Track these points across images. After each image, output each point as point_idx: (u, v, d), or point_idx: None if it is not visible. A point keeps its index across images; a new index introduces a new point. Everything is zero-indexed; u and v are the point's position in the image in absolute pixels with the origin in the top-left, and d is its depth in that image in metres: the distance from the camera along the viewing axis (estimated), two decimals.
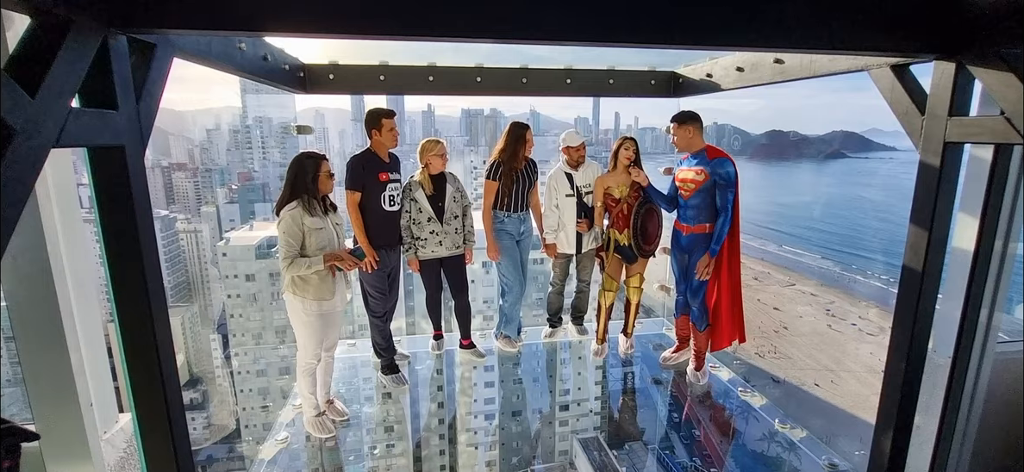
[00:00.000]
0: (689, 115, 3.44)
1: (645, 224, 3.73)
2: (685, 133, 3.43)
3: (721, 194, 3.33)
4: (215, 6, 1.66)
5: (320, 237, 2.88)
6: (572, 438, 3.64)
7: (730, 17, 1.92)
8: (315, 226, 2.86)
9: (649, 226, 3.76)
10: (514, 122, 3.76)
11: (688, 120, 3.42)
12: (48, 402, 1.93)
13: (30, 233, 1.81)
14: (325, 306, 2.97)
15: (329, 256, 2.88)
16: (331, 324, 3.11)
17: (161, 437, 1.90)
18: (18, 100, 1.21)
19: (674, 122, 3.47)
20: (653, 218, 3.77)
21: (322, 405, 3.24)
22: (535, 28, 1.83)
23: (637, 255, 3.81)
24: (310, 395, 3.16)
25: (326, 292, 2.95)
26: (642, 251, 3.79)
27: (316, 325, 2.97)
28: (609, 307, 4.05)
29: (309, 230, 2.83)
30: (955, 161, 2.11)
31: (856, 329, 29.73)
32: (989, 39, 1.87)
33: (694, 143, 3.43)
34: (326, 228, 2.92)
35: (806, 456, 3.13)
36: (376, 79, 3.72)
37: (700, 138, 3.43)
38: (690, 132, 3.42)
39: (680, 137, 3.45)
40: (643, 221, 3.71)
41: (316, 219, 2.87)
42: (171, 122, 52.03)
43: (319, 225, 2.88)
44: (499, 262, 3.90)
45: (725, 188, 3.31)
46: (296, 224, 2.80)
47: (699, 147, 3.42)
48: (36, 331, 1.88)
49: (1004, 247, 2.27)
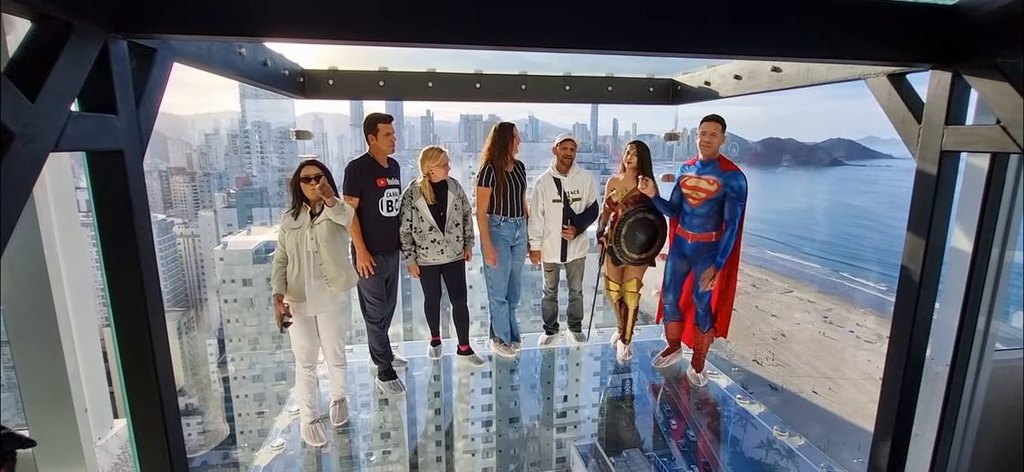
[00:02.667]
0: (720, 117, 3.36)
1: (635, 232, 3.72)
2: (721, 137, 3.34)
3: (730, 206, 3.29)
4: (215, 11, 1.67)
5: (290, 241, 2.97)
6: (570, 445, 3.63)
7: (728, 26, 1.94)
8: (290, 227, 2.97)
9: (640, 234, 3.74)
10: (499, 123, 3.74)
11: (720, 121, 3.34)
12: (43, 406, 1.92)
13: (27, 236, 1.80)
14: (298, 309, 3.03)
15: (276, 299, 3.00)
16: (315, 330, 3.14)
17: (156, 443, 1.88)
18: (17, 104, 1.21)
19: (714, 122, 3.33)
20: (646, 227, 3.73)
21: (331, 408, 3.32)
22: (534, 35, 1.84)
23: (621, 261, 3.81)
24: (302, 401, 3.20)
25: (297, 294, 3.01)
26: (625, 257, 3.78)
27: (297, 328, 3.05)
28: (627, 306, 4.04)
29: (285, 231, 2.98)
30: (952, 169, 2.13)
31: (854, 336, 29.74)
32: (985, 49, 1.88)
33: (716, 150, 3.36)
34: (300, 231, 2.97)
35: (804, 464, 3.12)
36: (375, 85, 3.73)
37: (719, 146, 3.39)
38: (720, 138, 3.35)
39: (717, 139, 3.32)
40: (631, 229, 3.70)
41: (291, 220, 2.98)
42: (170, 126, 52.00)
43: (294, 226, 2.97)
44: (489, 266, 3.88)
45: (735, 201, 3.27)
46: (281, 226, 2.98)
47: (717, 155, 3.36)
48: (32, 335, 1.87)
49: (1001, 255, 2.28)
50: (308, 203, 2.98)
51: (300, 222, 2.97)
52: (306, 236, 2.97)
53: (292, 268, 2.99)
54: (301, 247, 2.97)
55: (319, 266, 3.01)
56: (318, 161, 2.99)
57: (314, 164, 2.95)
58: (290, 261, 2.99)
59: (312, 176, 2.90)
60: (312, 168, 2.92)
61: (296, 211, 2.99)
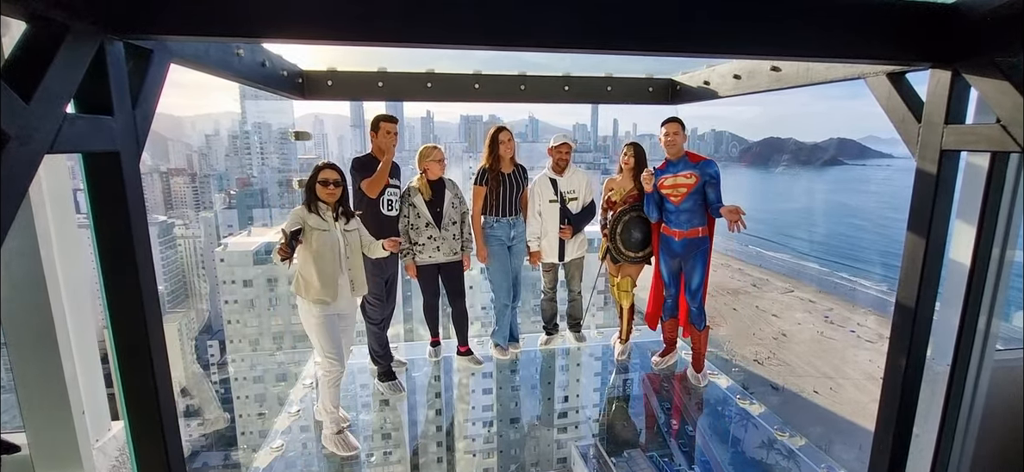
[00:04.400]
0: (680, 119, 3.55)
1: (631, 230, 3.75)
2: (683, 136, 3.52)
3: (712, 191, 3.47)
4: (212, 12, 1.66)
5: (321, 240, 2.88)
6: (570, 445, 3.62)
7: (728, 25, 1.93)
8: (318, 226, 2.88)
9: (636, 232, 3.78)
10: (493, 127, 3.80)
11: (680, 121, 3.53)
12: (40, 409, 1.90)
13: (24, 238, 1.79)
14: (328, 307, 2.94)
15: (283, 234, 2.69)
16: (343, 327, 3.11)
17: (154, 445, 1.88)
18: (13, 106, 1.20)
19: (676, 122, 3.53)
20: (642, 225, 3.79)
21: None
22: (533, 35, 1.83)
23: (617, 258, 3.83)
24: (333, 409, 3.10)
25: (329, 292, 2.91)
26: (622, 256, 3.83)
27: (326, 326, 2.94)
28: (624, 307, 4.06)
29: (310, 228, 2.86)
30: (952, 169, 2.12)
31: (855, 336, 29.69)
32: (985, 48, 1.87)
33: (680, 148, 3.53)
34: (330, 232, 2.92)
35: (805, 464, 3.11)
36: (374, 85, 3.73)
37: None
38: (682, 136, 3.52)
39: (680, 138, 3.52)
40: (626, 227, 3.75)
41: (316, 219, 2.89)
42: (170, 127, 52.02)
43: (322, 226, 2.89)
44: (488, 267, 3.90)
45: (715, 185, 3.46)
46: (298, 215, 2.88)
47: (683, 152, 3.53)
48: (28, 337, 1.86)
49: (1002, 254, 2.27)
50: (325, 205, 2.95)
51: (327, 223, 2.92)
52: (339, 240, 2.96)
53: (322, 267, 2.88)
54: (333, 248, 2.92)
55: (348, 270, 3.03)
56: (336, 165, 2.98)
57: (333, 168, 2.95)
58: (317, 259, 2.87)
59: (330, 180, 2.90)
60: (331, 172, 2.92)
61: (317, 210, 2.90)
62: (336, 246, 2.94)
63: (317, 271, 2.87)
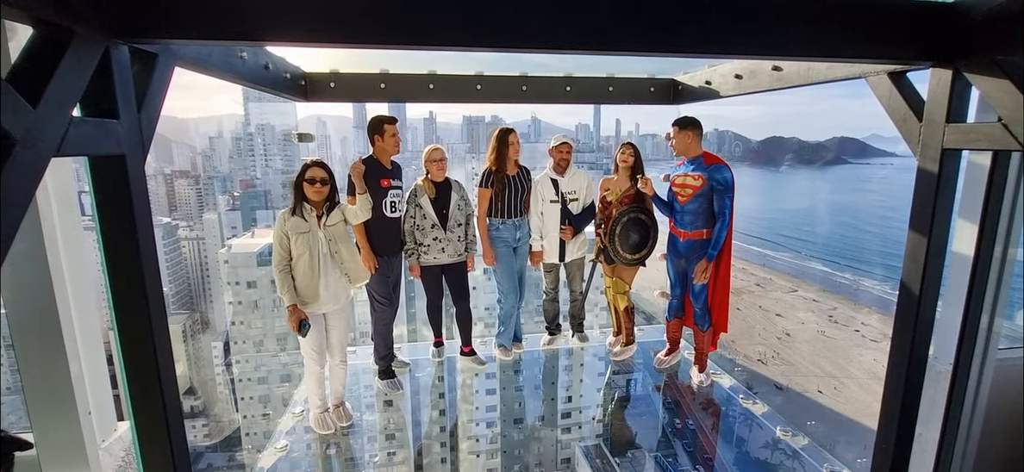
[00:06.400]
0: (690, 121, 3.46)
1: (628, 232, 3.73)
2: (684, 138, 3.45)
3: (718, 199, 3.35)
4: (216, 16, 1.68)
5: (301, 244, 2.93)
6: (574, 445, 3.62)
7: (729, 25, 1.93)
8: (298, 230, 2.92)
9: (633, 234, 3.75)
10: (499, 128, 3.79)
11: (689, 126, 3.44)
12: (46, 410, 1.93)
13: (30, 240, 1.81)
14: (309, 308, 3.01)
15: (291, 309, 2.95)
16: (324, 327, 3.15)
17: (159, 446, 1.89)
18: (19, 110, 1.22)
19: (675, 126, 3.49)
20: (639, 227, 3.75)
21: (331, 408, 3.31)
22: (534, 37, 1.84)
23: (614, 260, 3.82)
24: (313, 394, 3.25)
25: (309, 295, 2.98)
26: (618, 257, 3.80)
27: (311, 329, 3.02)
28: (617, 308, 4.04)
29: (290, 233, 2.91)
30: (953, 167, 2.11)
31: (859, 335, 29.55)
32: (985, 46, 1.87)
33: (692, 149, 3.45)
34: (311, 233, 2.95)
35: (809, 464, 3.11)
36: (377, 87, 3.74)
37: (698, 144, 3.45)
38: (689, 138, 3.44)
39: (679, 141, 3.47)
40: (624, 228, 3.72)
41: (299, 222, 2.93)
42: (174, 130, 52.23)
43: (302, 229, 2.93)
44: (495, 269, 3.90)
45: (723, 193, 3.34)
46: (280, 228, 2.92)
47: (697, 153, 3.44)
48: (35, 338, 1.88)
49: (1004, 253, 2.26)
50: (311, 204, 2.98)
51: (309, 225, 2.95)
52: (319, 238, 2.98)
53: (302, 270, 2.94)
54: (314, 249, 2.96)
55: (340, 264, 3.06)
56: (323, 163, 3.00)
57: (320, 166, 2.96)
58: (297, 262, 2.94)
59: (317, 178, 2.91)
60: (318, 171, 2.93)
61: (301, 212, 2.95)
62: (317, 247, 2.97)
63: (297, 275, 2.95)
